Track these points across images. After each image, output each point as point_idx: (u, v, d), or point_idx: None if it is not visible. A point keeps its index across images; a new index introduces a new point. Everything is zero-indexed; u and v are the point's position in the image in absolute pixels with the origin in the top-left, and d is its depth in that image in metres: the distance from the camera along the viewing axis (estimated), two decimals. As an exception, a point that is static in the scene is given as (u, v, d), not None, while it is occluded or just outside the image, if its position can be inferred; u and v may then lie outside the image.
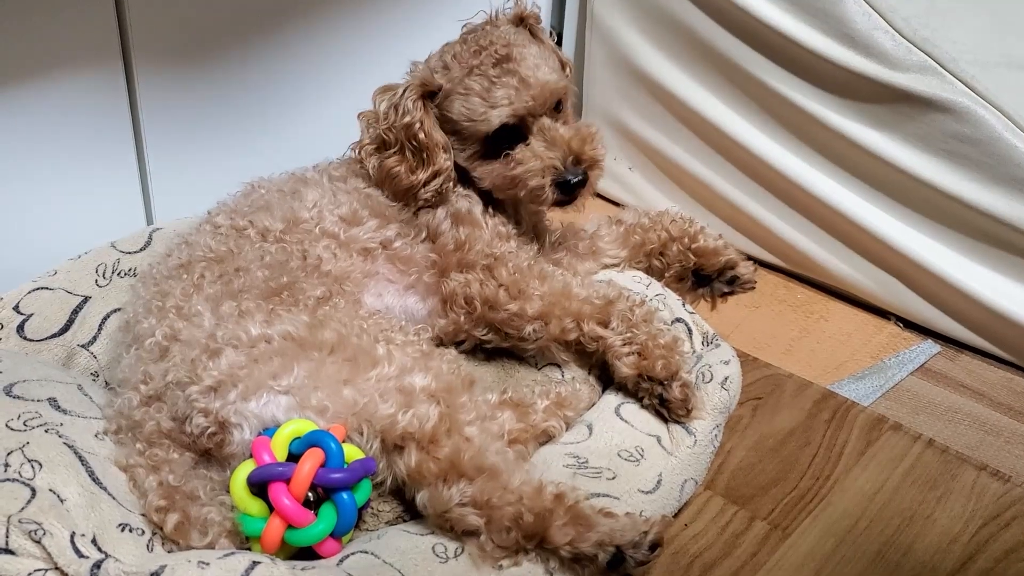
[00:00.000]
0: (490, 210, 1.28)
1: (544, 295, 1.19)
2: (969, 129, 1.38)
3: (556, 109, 1.25)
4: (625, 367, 1.17)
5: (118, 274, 1.27)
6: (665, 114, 1.73)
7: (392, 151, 1.23)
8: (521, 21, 1.27)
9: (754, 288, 1.43)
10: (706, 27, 1.62)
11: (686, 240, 1.41)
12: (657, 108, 1.75)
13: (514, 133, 1.22)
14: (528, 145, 1.22)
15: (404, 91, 1.22)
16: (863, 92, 1.47)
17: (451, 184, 1.25)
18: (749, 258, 1.46)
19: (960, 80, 1.40)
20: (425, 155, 1.22)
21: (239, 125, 1.53)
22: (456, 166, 1.26)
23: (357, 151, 1.28)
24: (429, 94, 1.23)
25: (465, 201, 1.27)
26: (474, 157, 1.25)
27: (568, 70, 1.31)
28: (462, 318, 1.22)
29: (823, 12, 1.47)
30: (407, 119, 1.21)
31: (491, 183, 1.26)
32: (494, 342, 1.25)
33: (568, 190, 1.22)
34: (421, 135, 1.21)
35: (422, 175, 1.22)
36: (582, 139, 1.22)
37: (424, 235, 1.27)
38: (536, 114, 1.22)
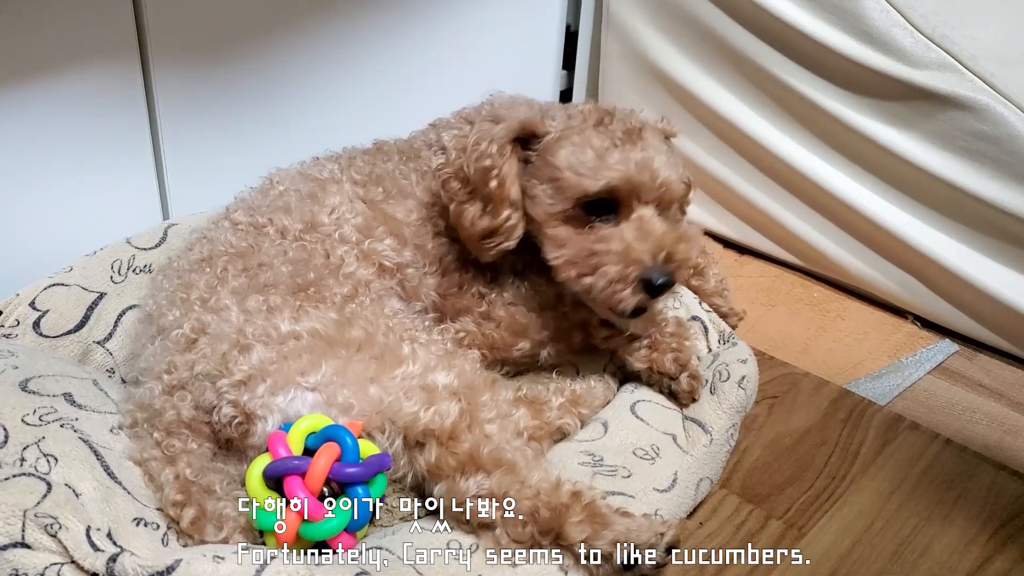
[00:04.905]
0: None
1: (546, 321, 1.18)
2: (988, 126, 1.37)
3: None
4: (637, 362, 1.18)
5: (133, 270, 1.27)
6: (681, 111, 1.72)
7: (467, 189, 1.13)
8: (666, 138, 1.18)
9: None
10: (722, 24, 1.61)
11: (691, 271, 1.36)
12: (673, 105, 1.74)
13: (609, 210, 1.09)
14: (618, 226, 1.09)
15: (499, 128, 1.11)
16: (881, 89, 1.46)
17: (512, 244, 1.13)
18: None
19: (979, 77, 1.39)
20: (491, 206, 1.11)
21: (256, 121, 1.53)
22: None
23: (436, 173, 1.17)
24: (523, 139, 1.12)
25: None
26: (558, 217, 1.10)
27: (689, 190, 1.20)
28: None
29: (840, 9, 1.46)
30: (487, 162, 1.09)
31: (562, 254, 1.10)
32: (515, 368, 1.24)
33: (651, 290, 1.06)
34: (494, 183, 1.10)
35: (480, 226, 1.12)
36: (678, 237, 1.08)
37: (436, 267, 1.20)
38: (641, 200, 1.09)
